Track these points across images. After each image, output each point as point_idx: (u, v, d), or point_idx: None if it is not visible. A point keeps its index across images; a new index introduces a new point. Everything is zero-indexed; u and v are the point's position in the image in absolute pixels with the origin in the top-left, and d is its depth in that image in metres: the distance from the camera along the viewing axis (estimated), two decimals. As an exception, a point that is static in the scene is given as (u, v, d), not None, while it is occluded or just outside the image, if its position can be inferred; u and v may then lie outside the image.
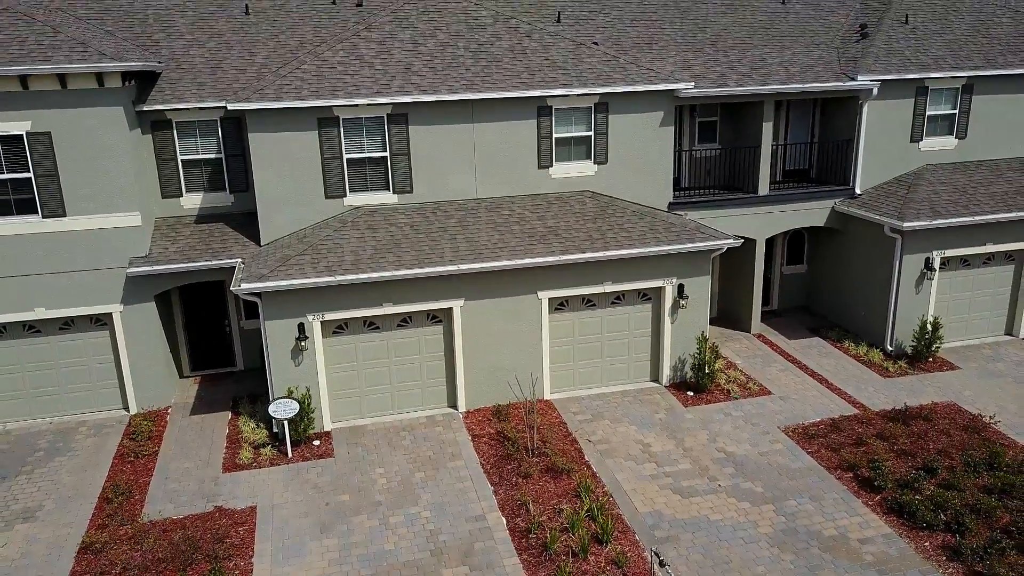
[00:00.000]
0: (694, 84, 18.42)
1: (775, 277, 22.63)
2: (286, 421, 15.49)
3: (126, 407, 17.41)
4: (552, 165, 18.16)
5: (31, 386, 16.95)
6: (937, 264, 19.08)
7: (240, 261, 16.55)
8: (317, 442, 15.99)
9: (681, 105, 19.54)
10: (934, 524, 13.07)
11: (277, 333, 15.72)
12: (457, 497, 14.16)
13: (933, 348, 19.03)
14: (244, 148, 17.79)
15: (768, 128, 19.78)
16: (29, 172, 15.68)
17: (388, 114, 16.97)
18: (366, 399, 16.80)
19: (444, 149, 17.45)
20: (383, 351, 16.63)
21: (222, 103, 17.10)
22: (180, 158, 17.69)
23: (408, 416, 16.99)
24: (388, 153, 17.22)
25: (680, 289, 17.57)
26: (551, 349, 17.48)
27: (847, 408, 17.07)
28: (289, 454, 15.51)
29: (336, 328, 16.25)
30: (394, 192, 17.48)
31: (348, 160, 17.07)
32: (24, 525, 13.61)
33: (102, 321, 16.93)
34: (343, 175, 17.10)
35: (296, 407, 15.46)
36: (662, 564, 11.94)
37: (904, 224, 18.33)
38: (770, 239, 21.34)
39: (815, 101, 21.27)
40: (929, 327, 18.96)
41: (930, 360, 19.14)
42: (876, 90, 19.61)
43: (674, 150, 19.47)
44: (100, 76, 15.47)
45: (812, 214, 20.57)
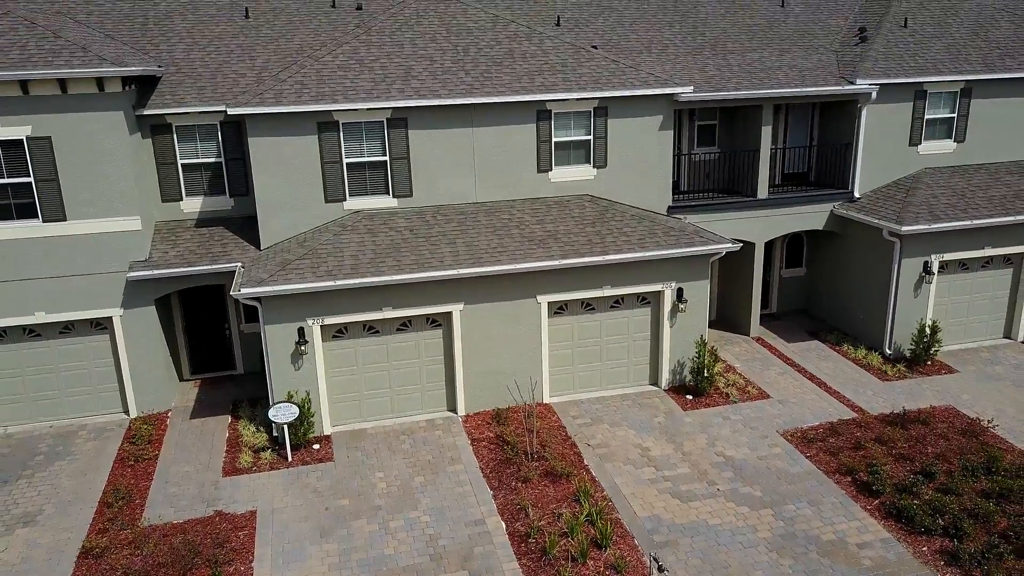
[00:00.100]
0: (693, 88, 18.45)
1: (774, 280, 22.67)
2: (286, 425, 15.53)
3: (126, 411, 17.45)
4: (551, 169, 18.20)
5: (31, 390, 16.99)
6: (936, 268, 19.13)
7: (240, 265, 16.59)
8: (317, 446, 16.03)
9: (680, 109, 19.56)
10: (932, 529, 13.11)
11: (277, 337, 15.76)
12: (457, 501, 14.20)
13: (931, 351, 19.07)
14: (244, 152, 17.83)
15: (767, 132, 19.82)
16: (29, 176, 15.71)
17: (388, 118, 17.00)
18: (366, 403, 16.84)
19: (444, 153, 17.48)
20: (383, 355, 16.67)
21: (222, 107, 17.12)
22: (180, 162, 17.72)
23: (408, 420, 17.03)
24: (388, 157, 17.25)
25: (679, 293, 17.61)
26: (550, 353, 17.52)
27: (846, 412, 17.12)
28: (289, 458, 15.55)
29: (336, 332, 16.28)
30: (394, 196, 17.51)
31: (348, 164, 17.10)
32: (24, 529, 13.65)
33: (102, 325, 16.96)
34: (343, 179, 17.13)
35: (296, 411, 15.49)
36: (661, 569, 11.98)
37: (903, 228, 18.37)
38: (769, 242, 21.39)
39: (814, 104, 21.31)
40: (928, 330, 19.00)
41: (928, 363, 19.18)
42: (875, 94, 19.65)
43: (673, 153, 19.51)
44: (100, 81, 15.50)
45: (811, 218, 20.61)
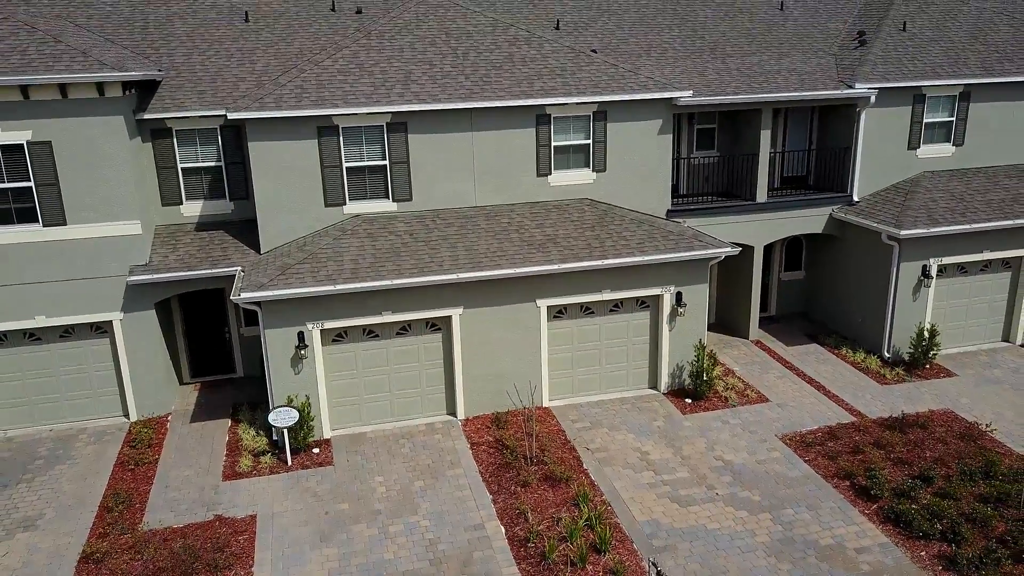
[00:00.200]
0: (692, 92, 18.48)
1: (773, 283, 22.71)
2: (286, 429, 15.55)
3: (126, 414, 17.48)
4: (551, 173, 18.23)
5: (31, 393, 17.02)
6: (934, 271, 19.17)
7: (240, 269, 16.62)
8: (317, 450, 16.06)
9: (679, 113, 19.59)
10: (930, 533, 13.15)
11: (277, 342, 15.79)
12: (456, 506, 14.24)
13: (930, 355, 19.09)
14: (244, 156, 17.86)
15: (766, 136, 19.86)
16: (30, 181, 15.74)
17: (387, 123, 17.03)
18: (366, 407, 16.88)
19: (443, 157, 17.51)
20: (382, 359, 16.70)
21: (222, 112, 17.17)
22: (180, 166, 17.75)
23: (407, 423, 17.07)
24: (387, 161, 17.29)
25: (678, 297, 17.65)
26: (550, 357, 17.55)
27: (844, 416, 17.15)
28: (289, 462, 15.58)
29: (336, 336, 16.31)
30: (393, 200, 17.54)
31: (347, 168, 17.13)
32: (25, 534, 13.68)
33: (102, 329, 16.99)
34: (342, 183, 17.17)
35: (296, 415, 15.52)
36: (660, 574, 12.01)
37: (901, 232, 18.41)
38: (768, 245, 21.42)
39: (813, 108, 21.34)
40: (926, 334, 19.04)
41: (927, 367, 19.21)
42: (874, 98, 19.69)
43: (672, 157, 19.53)
44: (101, 85, 15.53)
45: (810, 221, 20.65)
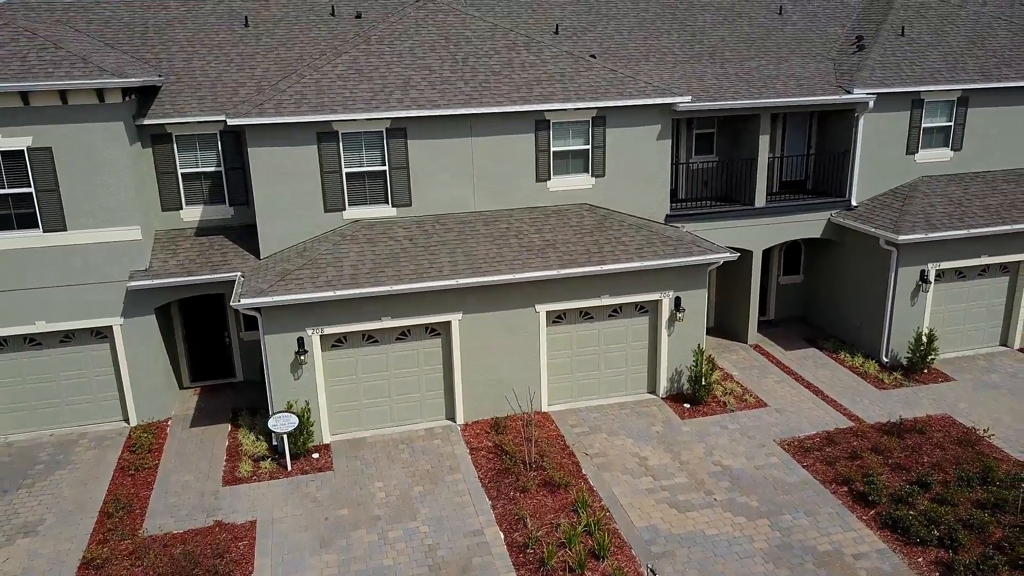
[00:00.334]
0: (691, 98, 18.52)
1: (772, 287, 22.76)
2: (285, 435, 15.59)
3: (126, 419, 17.52)
4: (550, 178, 18.28)
5: (32, 398, 17.06)
6: (932, 276, 19.21)
7: (240, 275, 16.66)
8: (316, 455, 16.10)
9: (678, 118, 19.63)
10: (927, 540, 13.20)
11: (276, 347, 15.83)
12: (455, 511, 14.28)
13: (928, 360, 19.14)
14: (244, 161, 17.89)
15: (765, 141, 19.89)
16: (30, 187, 15.77)
17: (387, 128, 17.07)
18: (365, 412, 16.92)
19: (442, 163, 17.56)
20: (382, 364, 16.74)
21: (222, 117, 17.21)
22: (180, 171, 17.79)
23: (407, 428, 17.10)
24: (387, 167, 17.33)
25: (677, 302, 17.69)
26: (549, 362, 17.59)
27: (842, 421, 17.20)
28: (288, 467, 15.62)
29: (335, 342, 16.36)
30: (393, 206, 17.58)
31: (347, 174, 17.17)
32: (25, 540, 13.72)
33: (102, 334, 17.03)
34: (342, 189, 17.21)
35: (295, 421, 15.56)
36: (658, 581, 12.07)
37: (900, 237, 18.46)
38: (767, 249, 21.45)
39: (812, 113, 21.38)
40: (924, 339, 19.08)
41: (925, 372, 19.26)
42: (872, 103, 19.74)
43: (671, 162, 19.57)
44: (101, 92, 15.55)
45: (808, 226, 20.70)
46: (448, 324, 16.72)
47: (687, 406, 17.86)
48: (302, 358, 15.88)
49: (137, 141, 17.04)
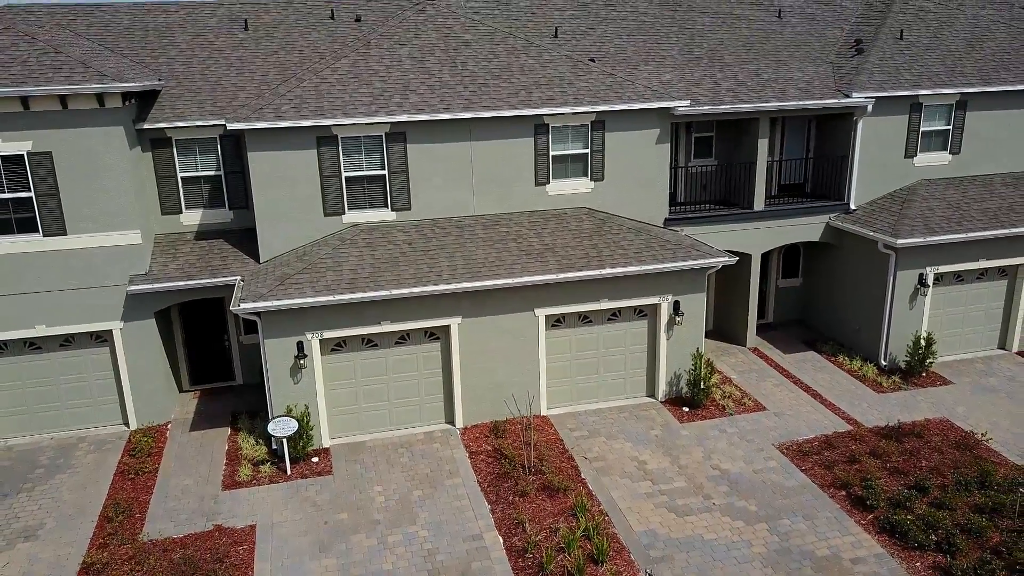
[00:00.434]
0: (690, 102, 18.56)
1: (770, 290, 22.79)
2: (285, 439, 15.62)
3: (126, 423, 17.55)
4: (549, 182, 18.31)
5: (32, 402, 17.09)
6: (931, 280, 19.25)
7: (240, 279, 16.68)
8: (316, 459, 16.13)
9: (677, 121, 19.66)
10: (925, 544, 13.23)
11: (276, 351, 15.86)
12: (455, 516, 14.31)
13: (927, 363, 19.18)
14: (243, 165, 17.92)
15: (763, 144, 19.93)
16: (30, 191, 15.81)
17: (386, 133, 17.10)
18: (364, 416, 16.95)
19: (442, 167, 17.58)
20: (381, 368, 16.77)
21: (221, 121, 17.23)
22: (180, 175, 17.82)
23: (406, 432, 17.14)
24: (386, 171, 17.36)
25: (676, 306, 17.73)
26: (548, 365, 17.62)
27: (841, 424, 17.24)
28: (288, 471, 15.65)
29: (335, 346, 16.38)
30: (392, 209, 17.61)
31: (347, 178, 17.20)
32: (26, 544, 13.75)
33: (102, 338, 17.06)
34: (342, 193, 17.23)
35: (295, 425, 15.59)
36: (657, 586, 12.10)
37: (898, 241, 18.49)
38: (766, 252, 21.49)
39: (810, 116, 21.41)
40: (923, 342, 19.12)
41: (923, 375, 19.30)
42: (871, 107, 19.77)
43: (670, 165, 19.61)
44: (101, 96, 15.58)
45: (807, 229, 20.73)
46: (447, 328, 16.75)
47: (686, 410, 17.89)
48: (302, 362, 15.91)
49: (137, 145, 17.07)
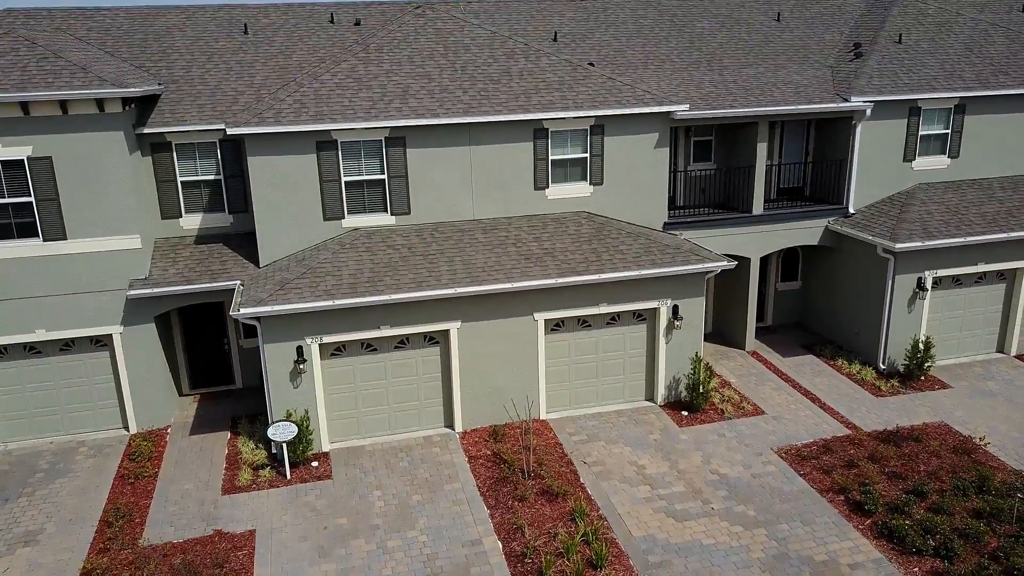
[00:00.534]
0: (689, 106, 18.59)
1: (770, 293, 22.82)
2: (284, 443, 15.65)
3: (126, 427, 17.57)
4: (548, 186, 18.34)
5: (32, 406, 17.12)
6: (929, 284, 19.28)
7: (239, 283, 16.71)
8: (316, 463, 16.16)
9: (676, 126, 19.68)
10: (923, 549, 13.26)
11: (276, 356, 15.88)
12: (454, 520, 14.34)
13: (925, 367, 19.21)
14: (243, 169, 17.95)
15: (762, 148, 19.95)
16: (30, 196, 15.83)
17: (386, 137, 17.12)
18: (364, 420, 16.98)
19: (441, 171, 17.61)
20: (381, 372, 16.81)
21: (221, 126, 17.26)
22: (179, 179, 17.84)
23: (405, 436, 17.17)
24: (386, 176, 17.38)
25: (675, 310, 17.76)
26: (547, 369, 17.66)
27: (839, 428, 17.27)
28: (288, 476, 15.68)
29: (334, 350, 16.41)
30: (392, 214, 17.64)
31: (346, 183, 17.23)
32: (26, 549, 13.77)
33: (102, 342, 17.08)
34: (341, 197, 17.26)
35: (295, 430, 15.62)
36: (655, 591, 12.13)
37: (897, 245, 18.52)
38: (765, 256, 21.52)
39: (809, 120, 21.44)
40: (921, 346, 19.15)
41: (922, 379, 19.33)
42: (870, 111, 19.80)
43: (669, 169, 19.63)
44: (101, 101, 15.61)
45: (806, 233, 20.76)
46: (447, 332, 16.78)
47: (685, 414, 17.92)
48: (301, 367, 15.94)
49: (137, 149, 17.08)
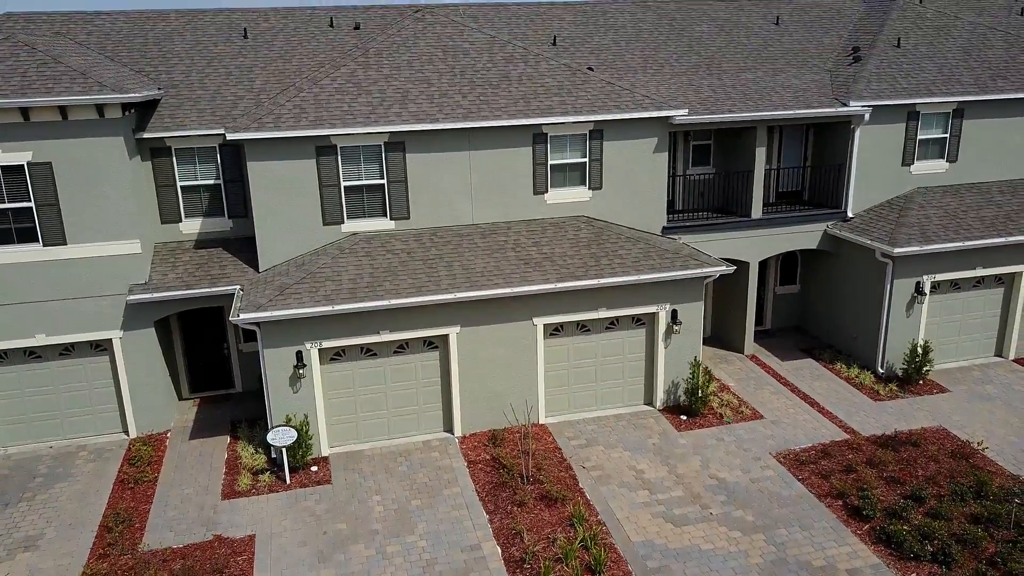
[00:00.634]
0: (688, 111, 18.61)
1: (768, 297, 22.85)
2: (284, 448, 15.68)
3: (126, 431, 17.60)
4: (547, 191, 18.37)
5: (32, 411, 17.14)
6: (928, 288, 19.32)
7: (239, 288, 16.74)
8: (315, 468, 16.19)
9: (675, 130, 19.71)
10: (921, 555, 13.30)
11: (275, 361, 15.91)
12: (453, 526, 14.37)
13: (923, 371, 19.24)
14: (242, 174, 17.97)
15: (761, 153, 19.97)
16: (30, 201, 15.85)
17: (385, 142, 17.15)
18: (363, 424, 17.01)
19: (440, 176, 17.64)
20: (380, 377, 16.83)
21: (221, 131, 17.28)
22: (179, 184, 17.87)
23: (405, 441, 17.19)
24: (385, 180, 17.41)
25: (673, 315, 17.79)
26: (546, 374, 17.69)
27: (838, 433, 17.30)
28: (287, 481, 15.70)
29: (334, 355, 16.44)
30: (391, 219, 17.67)
31: (346, 187, 17.26)
32: (26, 554, 13.80)
33: (102, 347, 17.11)
34: (341, 202, 17.29)
35: (294, 435, 15.64)
36: (654, 597, 12.16)
37: (895, 250, 18.56)
38: (763, 259, 21.54)
39: (808, 125, 21.46)
40: (920, 350, 19.18)
41: (920, 383, 19.37)
42: (868, 115, 19.83)
43: (668, 173, 19.66)
44: (100, 107, 15.62)
45: (804, 237, 20.79)
46: (446, 337, 16.81)
47: (684, 418, 17.96)
48: (301, 372, 15.97)
49: (136, 154, 17.11)
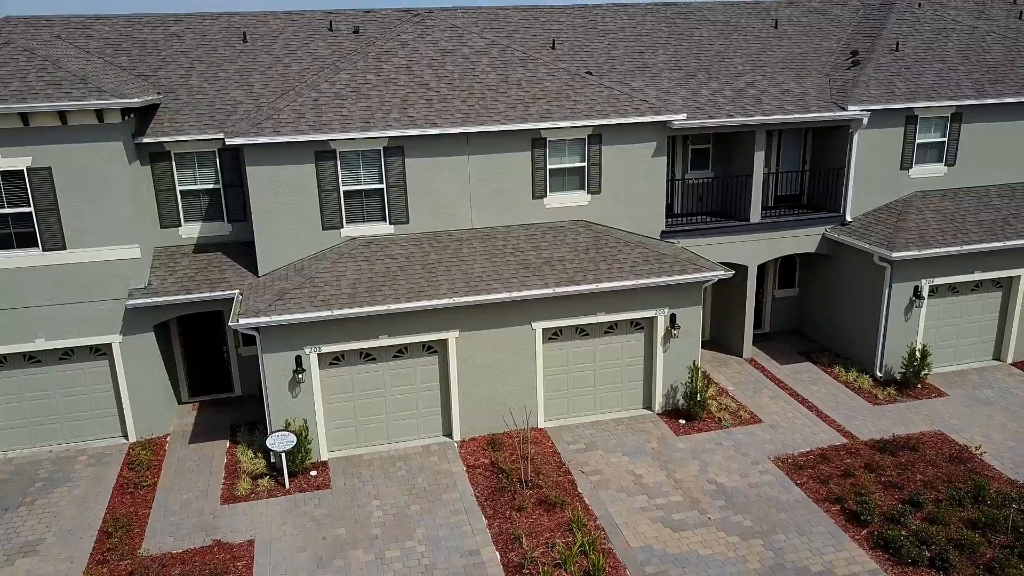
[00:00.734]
0: (686, 115, 18.63)
1: (767, 300, 22.88)
2: (283, 453, 15.70)
3: (125, 435, 17.62)
4: (546, 195, 18.39)
5: (31, 415, 17.17)
6: (926, 292, 19.35)
7: (238, 293, 16.76)
8: (314, 472, 16.21)
9: (674, 134, 19.73)
10: (919, 560, 13.33)
11: (275, 366, 15.94)
12: (452, 531, 14.40)
13: (922, 375, 19.29)
14: (242, 178, 17.99)
15: (760, 157, 19.99)
16: (30, 206, 15.88)
17: (385, 147, 17.17)
18: (362, 429, 17.03)
19: (440, 181, 17.66)
20: (379, 382, 16.86)
21: (220, 135, 17.30)
22: (178, 188, 17.89)
23: (404, 445, 17.22)
24: (384, 185, 17.44)
25: (672, 319, 17.82)
26: (545, 378, 17.71)
27: (836, 437, 17.33)
28: (287, 485, 15.73)
29: (333, 360, 16.46)
30: (390, 223, 17.69)
31: (345, 192, 17.28)
32: (26, 559, 13.82)
33: (101, 351, 17.13)
34: (340, 207, 17.31)
35: (293, 440, 15.66)
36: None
37: (893, 254, 18.59)
38: (762, 263, 21.55)
39: (807, 129, 21.48)
40: (918, 354, 19.22)
41: (919, 387, 19.40)
42: (867, 119, 19.85)
43: (667, 178, 19.68)
44: (100, 112, 15.65)
45: (803, 241, 20.82)
46: (445, 342, 16.84)
47: (682, 422, 17.99)
48: (300, 376, 16.00)
49: (136, 159, 17.13)
